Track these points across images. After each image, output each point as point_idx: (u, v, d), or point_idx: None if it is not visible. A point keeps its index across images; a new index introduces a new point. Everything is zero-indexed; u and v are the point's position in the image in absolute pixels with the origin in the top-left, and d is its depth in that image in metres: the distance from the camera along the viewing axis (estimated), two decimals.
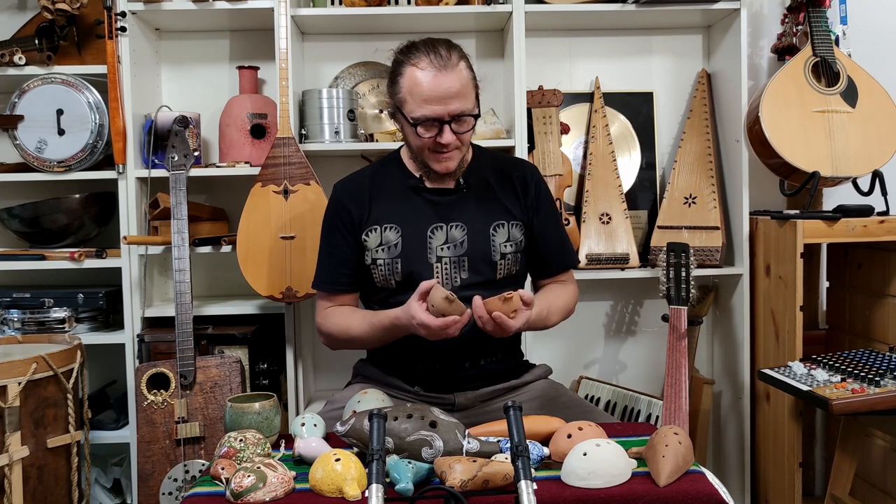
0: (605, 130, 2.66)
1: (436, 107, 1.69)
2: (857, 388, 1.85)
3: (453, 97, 1.69)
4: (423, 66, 1.70)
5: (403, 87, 1.72)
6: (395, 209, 1.83)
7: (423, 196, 1.83)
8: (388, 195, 1.85)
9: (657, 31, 2.75)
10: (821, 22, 2.45)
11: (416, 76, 1.70)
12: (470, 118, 1.74)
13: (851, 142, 2.35)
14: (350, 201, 1.85)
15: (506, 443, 1.43)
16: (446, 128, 1.71)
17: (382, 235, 1.80)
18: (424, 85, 1.69)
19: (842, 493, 2.05)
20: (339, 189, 1.90)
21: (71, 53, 2.51)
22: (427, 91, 1.69)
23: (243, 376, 2.24)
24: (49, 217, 2.46)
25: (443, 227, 1.81)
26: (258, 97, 2.57)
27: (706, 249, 2.51)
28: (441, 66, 1.69)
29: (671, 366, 2.21)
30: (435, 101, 1.69)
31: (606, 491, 1.28)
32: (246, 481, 1.29)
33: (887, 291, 2.31)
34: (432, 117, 1.70)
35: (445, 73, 1.69)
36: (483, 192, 1.85)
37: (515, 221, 1.85)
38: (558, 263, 1.93)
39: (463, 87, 1.71)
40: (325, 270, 1.89)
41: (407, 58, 1.73)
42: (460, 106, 1.70)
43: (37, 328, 2.43)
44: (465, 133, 1.75)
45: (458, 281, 1.80)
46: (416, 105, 1.70)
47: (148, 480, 2.17)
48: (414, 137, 1.75)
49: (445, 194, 1.83)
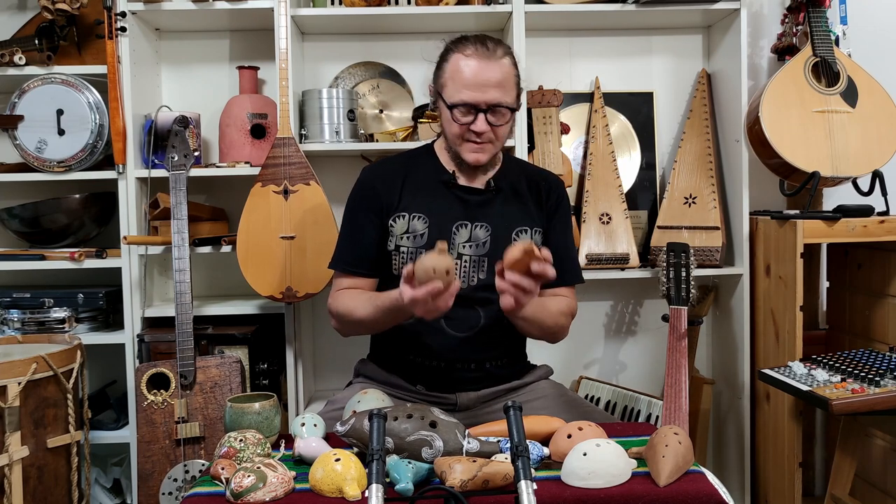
0: (605, 130, 2.66)
1: (474, 93, 1.71)
2: (857, 388, 1.84)
3: (492, 86, 1.72)
4: (468, 53, 1.73)
5: (446, 72, 1.76)
6: (426, 200, 1.83)
7: (454, 192, 1.84)
8: (419, 185, 1.85)
9: (657, 31, 2.75)
10: (821, 22, 2.45)
11: (460, 62, 1.73)
12: (507, 111, 1.76)
13: (851, 142, 2.35)
14: (381, 184, 1.84)
15: (506, 443, 1.43)
16: (481, 116, 1.73)
17: (410, 223, 1.81)
18: (466, 70, 1.72)
19: (842, 493, 2.05)
20: (370, 171, 1.89)
21: (71, 53, 2.51)
22: (468, 76, 1.72)
23: (243, 376, 2.24)
24: (49, 217, 2.46)
25: (468, 224, 1.82)
26: (258, 97, 2.57)
27: (706, 249, 2.51)
28: (485, 56, 1.72)
29: (671, 366, 2.21)
30: (474, 87, 1.71)
31: (606, 491, 1.28)
32: (246, 481, 1.29)
33: (887, 291, 2.31)
34: (470, 102, 1.72)
35: (488, 62, 1.72)
36: (510, 196, 1.86)
37: (537, 228, 1.86)
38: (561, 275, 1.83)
39: (504, 80, 1.73)
40: (346, 251, 1.86)
41: (455, 46, 1.77)
42: (498, 96, 1.73)
43: (37, 328, 2.43)
44: (500, 126, 1.76)
45: (475, 280, 1.80)
46: (455, 90, 1.73)
47: (148, 480, 2.17)
48: (449, 123, 1.77)
49: (474, 193, 1.84)
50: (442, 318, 1.78)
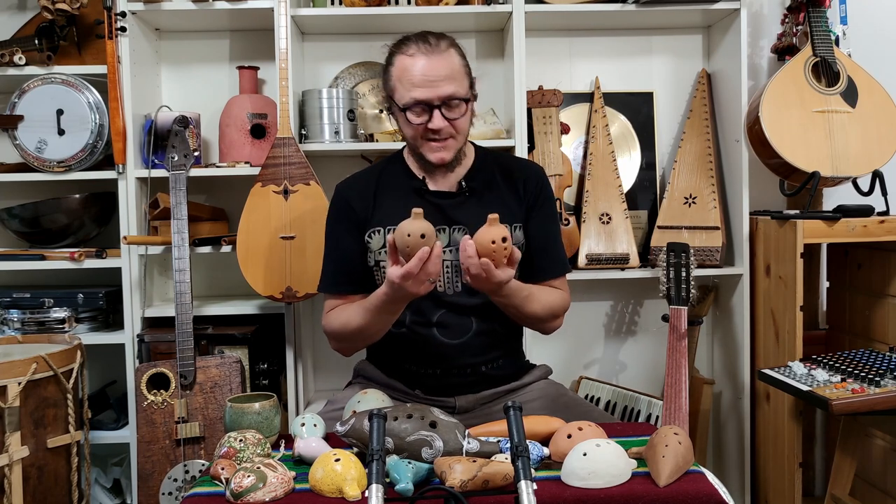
0: (605, 130, 2.66)
1: (424, 90, 1.68)
2: (857, 388, 1.84)
3: (442, 80, 1.68)
4: (412, 52, 1.70)
5: (393, 75, 1.73)
6: (399, 211, 1.78)
7: (426, 198, 1.80)
8: (391, 196, 1.82)
9: (657, 31, 2.75)
10: (821, 22, 2.45)
11: (405, 62, 1.71)
12: (461, 103, 1.71)
13: (851, 142, 2.35)
14: (355, 199, 1.83)
15: (506, 443, 1.43)
16: (436, 112, 1.69)
17: (385, 237, 1.78)
18: (412, 69, 1.69)
19: (842, 493, 2.05)
20: (343, 188, 1.88)
21: (71, 53, 2.51)
22: (415, 75, 1.68)
23: (243, 376, 2.24)
24: (49, 217, 2.46)
25: (445, 229, 1.79)
26: (258, 97, 2.57)
27: (706, 249, 2.51)
28: (428, 51, 1.69)
29: (671, 366, 2.21)
30: (423, 84, 1.68)
31: (606, 491, 1.28)
32: (246, 481, 1.29)
33: (887, 291, 2.31)
34: (422, 100, 1.68)
35: (433, 57, 1.69)
36: (486, 194, 1.82)
37: (517, 224, 1.82)
38: (547, 269, 1.85)
39: (453, 72, 1.70)
40: (332, 272, 1.85)
41: (397, 48, 1.75)
42: (450, 89, 1.69)
43: (37, 328, 2.43)
44: (458, 119, 1.72)
45: (458, 286, 1.78)
46: (405, 90, 1.70)
47: (148, 480, 2.17)
48: (406, 126, 1.74)
49: (447, 197, 1.81)
50: (434, 327, 1.78)
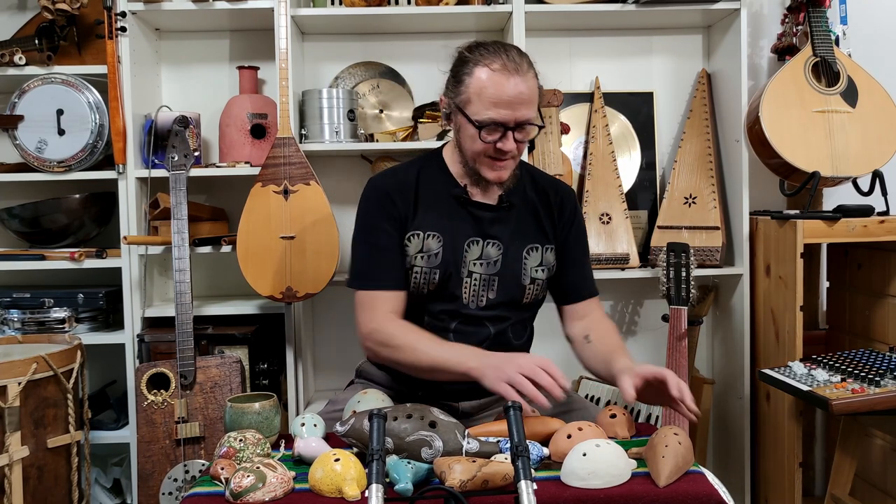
0: (605, 130, 2.66)
1: (504, 111, 1.61)
2: (857, 388, 1.84)
3: (522, 103, 1.62)
4: (496, 67, 1.61)
5: (471, 87, 1.64)
6: (439, 217, 1.74)
7: (466, 208, 1.75)
8: (431, 199, 1.76)
9: (657, 31, 2.75)
10: (821, 22, 2.45)
11: (488, 76, 1.62)
12: (534, 128, 1.67)
13: (851, 142, 2.35)
14: (397, 195, 1.74)
15: (505, 443, 1.43)
16: (510, 134, 1.63)
17: (424, 242, 1.73)
18: (496, 87, 1.61)
19: (842, 493, 2.05)
20: (381, 181, 1.78)
21: (71, 53, 2.51)
22: (498, 94, 1.61)
23: (243, 376, 2.24)
24: (49, 217, 2.46)
25: (479, 241, 1.74)
26: (258, 97, 2.57)
27: (706, 249, 2.51)
28: (514, 70, 1.61)
29: (671, 366, 2.21)
30: (504, 104, 1.61)
31: (606, 491, 1.28)
32: (245, 481, 1.29)
33: (887, 291, 2.31)
34: (499, 121, 1.62)
35: (518, 78, 1.61)
36: (522, 211, 1.79)
37: (549, 245, 1.80)
38: (581, 290, 1.85)
39: (531, 95, 1.64)
40: (375, 267, 1.73)
41: (477, 56, 1.64)
42: (527, 113, 1.63)
43: (37, 328, 2.43)
44: (525, 143, 1.69)
45: (483, 300, 1.75)
46: (483, 107, 1.62)
47: (148, 480, 2.17)
48: (473, 141, 1.66)
49: (487, 210, 1.76)
50: (451, 333, 1.76)
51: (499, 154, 1.66)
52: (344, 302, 2.73)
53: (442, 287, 1.74)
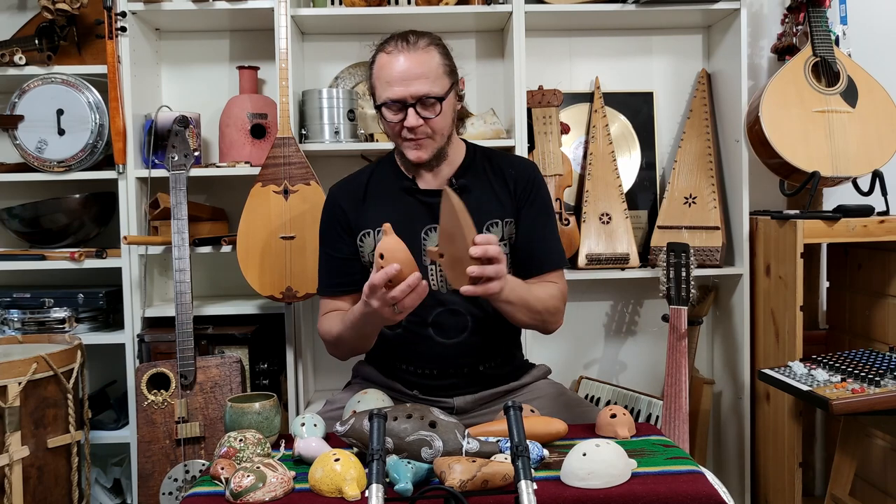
0: (605, 130, 2.66)
1: (398, 88, 1.68)
2: (857, 388, 1.84)
3: (416, 78, 1.67)
4: (390, 49, 1.71)
5: (374, 73, 1.74)
6: (389, 211, 1.79)
7: (416, 197, 1.80)
8: (381, 197, 1.83)
9: (657, 31, 2.75)
10: (821, 22, 2.45)
11: (383, 60, 1.71)
12: (436, 102, 1.69)
13: (851, 142, 2.35)
14: (346, 203, 1.84)
15: (505, 443, 1.43)
16: (410, 111, 1.68)
17: (376, 239, 1.78)
18: (388, 67, 1.70)
19: (842, 493, 2.05)
20: (334, 192, 1.89)
21: (71, 53, 2.51)
22: (390, 73, 1.69)
23: (243, 376, 2.24)
24: (49, 217, 2.47)
25: (436, 228, 1.77)
26: (258, 97, 2.57)
27: (706, 249, 2.51)
28: (405, 49, 1.69)
29: (671, 366, 2.21)
30: (397, 81, 1.68)
31: (606, 491, 1.28)
32: (245, 481, 1.29)
33: (887, 291, 2.31)
34: (395, 98, 1.68)
35: (409, 55, 1.69)
36: (476, 190, 1.80)
37: (509, 219, 1.80)
38: (542, 262, 1.81)
39: (429, 70, 1.69)
40: (327, 274, 1.86)
41: (379, 46, 1.75)
42: (424, 88, 1.67)
43: (37, 328, 2.43)
44: (434, 119, 1.70)
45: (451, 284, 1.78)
46: (382, 88, 1.71)
47: (148, 480, 2.17)
48: (385, 124, 1.76)
49: (437, 195, 1.74)
50: (430, 327, 1.77)
51: (409, 133, 1.71)
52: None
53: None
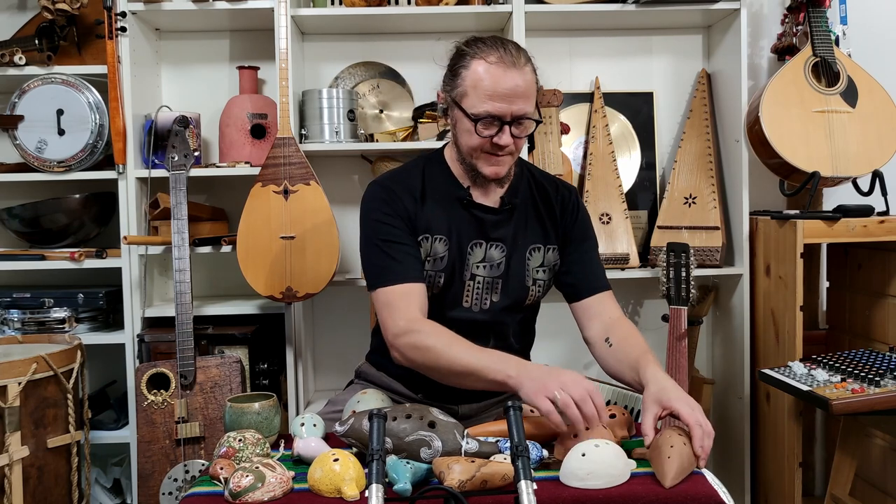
0: (605, 130, 2.66)
1: (500, 104, 1.59)
2: (857, 388, 1.84)
3: (519, 97, 1.59)
4: (493, 60, 1.59)
5: (467, 80, 1.61)
6: (444, 219, 1.71)
7: (470, 210, 1.72)
8: (436, 201, 1.72)
9: (657, 31, 2.75)
10: (821, 22, 2.45)
11: (484, 69, 1.59)
12: (531, 122, 1.64)
13: (851, 142, 2.35)
14: (403, 193, 1.70)
15: (505, 443, 1.43)
16: (506, 128, 1.61)
17: (432, 246, 1.69)
18: (491, 79, 1.58)
19: (842, 493, 2.05)
20: (387, 182, 1.73)
21: (71, 53, 2.51)
22: (493, 86, 1.58)
23: (243, 376, 2.25)
24: (49, 217, 2.47)
25: (482, 244, 1.72)
26: (258, 97, 2.57)
27: (706, 249, 2.51)
28: (511, 63, 1.59)
29: (671, 366, 2.21)
30: (500, 97, 1.58)
31: (606, 492, 1.28)
32: (244, 481, 1.29)
33: (887, 291, 2.31)
34: (495, 114, 1.59)
35: (514, 71, 1.59)
36: (524, 213, 1.76)
37: (551, 245, 1.77)
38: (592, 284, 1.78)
39: (528, 89, 1.61)
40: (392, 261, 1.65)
41: (474, 50, 1.62)
42: (524, 107, 1.61)
43: (37, 328, 2.43)
44: (522, 138, 1.66)
45: (486, 303, 1.73)
46: (479, 100, 1.60)
47: (148, 480, 2.17)
48: (469, 136, 1.63)
49: (490, 212, 1.74)
50: None
51: (495, 149, 1.63)
52: (344, 302, 2.73)
53: (444, 291, 1.71)
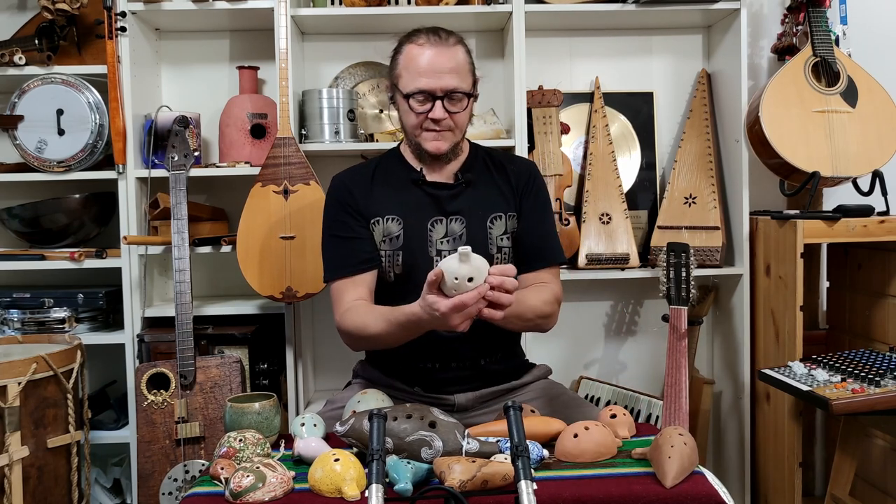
0: (605, 130, 2.66)
1: (429, 79, 1.73)
2: (857, 388, 1.84)
3: (447, 72, 1.73)
4: (421, 42, 1.76)
5: (400, 63, 1.78)
6: (397, 200, 1.83)
7: (423, 189, 1.83)
8: (389, 186, 1.85)
9: (657, 31, 2.75)
10: (821, 22, 2.45)
11: (414, 51, 1.76)
12: (463, 97, 1.77)
13: (851, 142, 2.35)
14: (354, 188, 1.84)
15: (505, 443, 1.43)
16: (438, 103, 1.74)
17: (385, 227, 1.81)
18: (420, 58, 1.74)
19: (842, 493, 2.05)
20: (341, 177, 1.89)
21: (71, 53, 2.51)
22: (422, 64, 1.74)
23: (243, 376, 2.24)
24: (49, 217, 2.47)
25: (442, 220, 1.81)
26: (258, 97, 2.57)
27: (706, 249, 2.51)
28: (437, 43, 1.75)
29: (671, 366, 2.20)
30: (429, 73, 1.73)
31: (605, 491, 1.28)
32: (245, 481, 1.29)
33: (887, 291, 2.31)
34: (425, 90, 1.73)
35: (441, 49, 1.74)
36: (480, 185, 1.85)
37: (511, 213, 1.85)
38: (538, 259, 1.84)
39: (458, 66, 1.76)
40: (338, 255, 1.82)
41: (408, 37, 1.79)
42: (454, 82, 1.74)
43: (37, 328, 2.43)
44: (458, 114, 1.77)
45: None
46: (410, 79, 1.75)
47: (148, 480, 2.17)
48: (407, 114, 1.78)
49: (444, 188, 1.84)
50: None
51: (432, 124, 1.76)
52: None
53: (408, 269, 1.79)
